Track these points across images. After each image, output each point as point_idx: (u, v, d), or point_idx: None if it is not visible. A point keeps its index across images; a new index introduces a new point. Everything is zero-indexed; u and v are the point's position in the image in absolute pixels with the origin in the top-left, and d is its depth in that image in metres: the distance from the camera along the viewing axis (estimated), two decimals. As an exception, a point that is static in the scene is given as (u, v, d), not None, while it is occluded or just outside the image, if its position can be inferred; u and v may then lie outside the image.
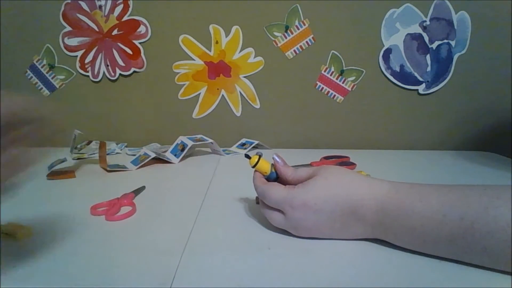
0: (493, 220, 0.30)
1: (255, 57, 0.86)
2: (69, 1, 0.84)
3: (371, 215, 0.36)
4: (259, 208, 0.43)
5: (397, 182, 0.38)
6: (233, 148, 0.87)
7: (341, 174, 0.39)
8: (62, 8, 0.84)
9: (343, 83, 0.86)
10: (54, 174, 0.64)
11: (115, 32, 0.85)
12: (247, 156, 0.44)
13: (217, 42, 0.85)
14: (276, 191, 0.39)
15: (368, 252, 0.37)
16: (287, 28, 0.84)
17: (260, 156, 0.43)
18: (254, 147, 0.87)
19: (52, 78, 0.88)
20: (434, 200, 0.33)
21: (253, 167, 0.43)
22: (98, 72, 0.87)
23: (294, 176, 0.41)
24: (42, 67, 0.88)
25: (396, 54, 0.83)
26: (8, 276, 0.33)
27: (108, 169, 0.67)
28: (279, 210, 0.39)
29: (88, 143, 0.87)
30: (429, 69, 0.83)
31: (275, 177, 0.43)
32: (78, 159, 0.77)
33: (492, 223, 0.30)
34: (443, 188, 0.35)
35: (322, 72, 0.86)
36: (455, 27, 0.81)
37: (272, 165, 0.43)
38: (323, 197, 0.37)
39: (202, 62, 0.86)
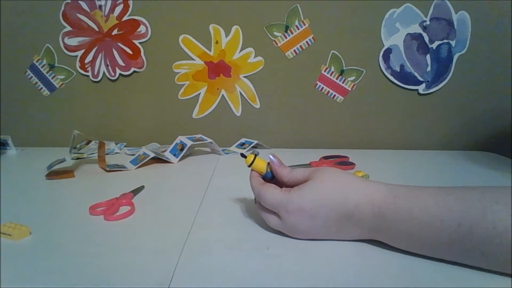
0: (492, 226, 0.30)
1: (255, 57, 0.86)
2: (69, 1, 0.84)
3: (368, 220, 0.36)
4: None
5: (394, 185, 0.37)
6: (232, 147, 0.87)
7: (337, 177, 0.38)
8: (62, 8, 0.84)
9: (343, 83, 0.86)
10: (53, 174, 0.64)
11: (115, 32, 0.85)
12: (243, 155, 0.43)
13: (217, 42, 0.85)
14: (271, 194, 0.39)
15: (366, 252, 0.37)
16: (287, 28, 0.83)
17: (256, 155, 0.43)
18: (254, 147, 0.87)
19: (52, 78, 0.88)
20: (431, 205, 0.33)
21: (249, 166, 0.43)
22: (98, 72, 0.87)
23: (290, 177, 0.41)
24: (42, 67, 0.88)
25: (396, 54, 0.83)
26: (8, 276, 0.33)
27: (107, 169, 0.67)
28: (275, 213, 0.39)
29: (87, 143, 0.87)
30: (429, 69, 0.83)
31: (271, 177, 0.43)
32: (77, 159, 0.77)
33: (491, 228, 0.30)
34: (441, 191, 0.34)
35: (322, 72, 0.86)
36: (455, 27, 0.81)
37: (268, 164, 0.43)
38: (319, 201, 0.36)
39: (202, 62, 0.86)
